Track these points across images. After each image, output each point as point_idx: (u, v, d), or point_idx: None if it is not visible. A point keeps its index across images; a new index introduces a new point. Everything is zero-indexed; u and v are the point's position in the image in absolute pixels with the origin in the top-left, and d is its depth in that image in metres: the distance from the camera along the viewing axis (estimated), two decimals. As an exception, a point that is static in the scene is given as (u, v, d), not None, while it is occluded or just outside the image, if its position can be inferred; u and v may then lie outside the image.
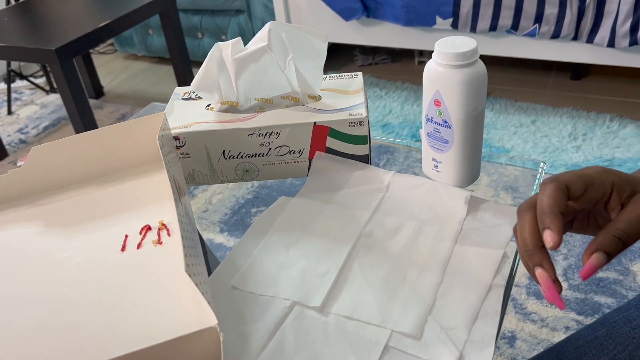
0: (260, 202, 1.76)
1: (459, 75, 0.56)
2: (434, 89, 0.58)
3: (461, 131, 0.59)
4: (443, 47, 0.56)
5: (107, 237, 0.54)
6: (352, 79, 0.72)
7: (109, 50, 2.82)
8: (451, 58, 0.56)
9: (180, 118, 0.68)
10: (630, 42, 1.58)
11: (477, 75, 0.56)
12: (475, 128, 0.59)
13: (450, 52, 0.55)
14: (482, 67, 0.57)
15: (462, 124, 0.58)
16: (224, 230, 1.59)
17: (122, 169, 0.62)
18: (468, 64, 0.56)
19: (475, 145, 0.61)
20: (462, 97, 0.57)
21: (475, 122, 0.59)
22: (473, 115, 0.58)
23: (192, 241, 0.48)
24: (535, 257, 0.43)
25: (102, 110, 2.30)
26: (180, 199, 0.52)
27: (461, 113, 0.58)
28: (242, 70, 0.65)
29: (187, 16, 2.31)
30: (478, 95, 0.57)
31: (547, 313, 1.18)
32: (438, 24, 1.81)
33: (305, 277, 0.54)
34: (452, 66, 0.56)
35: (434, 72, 0.58)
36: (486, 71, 0.57)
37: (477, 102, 0.58)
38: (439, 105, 0.59)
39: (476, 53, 0.56)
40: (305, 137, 0.65)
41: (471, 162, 0.62)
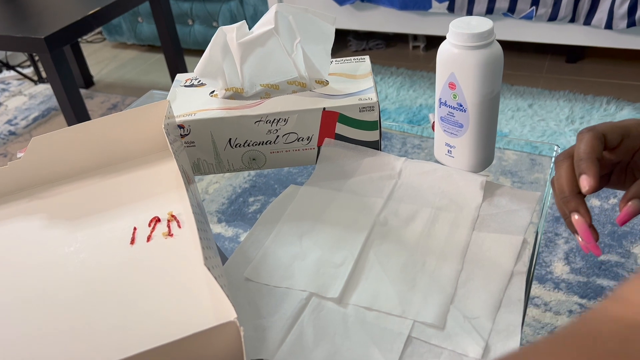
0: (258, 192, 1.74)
1: (475, 57, 0.54)
2: (448, 71, 0.56)
3: (477, 114, 0.57)
4: (458, 28, 0.54)
5: (114, 230, 0.52)
6: (360, 63, 0.70)
7: (98, 39, 2.76)
8: (467, 39, 0.53)
9: (184, 105, 0.66)
10: (628, 23, 1.57)
11: (494, 57, 0.54)
12: (491, 111, 0.58)
13: (466, 32, 0.53)
14: (498, 48, 0.55)
15: (478, 107, 0.57)
16: (221, 220, 1.56)
17: (126, 158, 0.60)
18: (484, 44, 0.54)
19: (490, 129, 0.60)
20: (478, 79, 0.55)
21: (491, 105, 0.57)
22: (489, 98, 0.56)
23: (206, 232, 0.46)
24: (571, 203, 0.43)
25: (93, 100, 2.25)
26: (189, 188, 0.50)
27: (477, 96, 0.56)
28: (248, 55, 0.63)
29: (177, 3, 2.26)
30: (494, 78, 0.56)
31: (550, 297, 1.18)
32: (434, 8, 1.78)
33: (321, 267, 0.52)
34: (468, 47, 0.54)
35: (448, 53, 0.56)
36: (502, 52, 0.56)
37: (494, 84, 0.56)
38: (453, 88, 0.57)
39: (492, 34, 0.54)
40: (314, 123, 0.64)
41: (486, 147, 0.61)
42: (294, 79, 0.66)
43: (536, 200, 0.57)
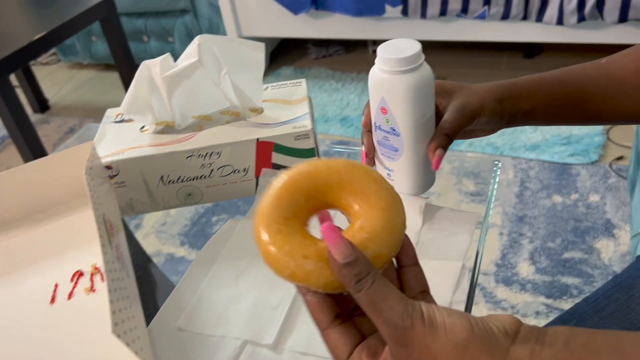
0: (221, 210, 1.71)
1: (403, 82, 0.52)
2: (379, 96, 0.55)
3: (410, 138, 0.56)
4: (385, 52, 0.52)
5: (35, 288, 0.49)
6: (296, 87, 0.69)
7: (52, 61, 2.70)
8: (394, 64, 0.52)
9: (113, 143, 0.63)
10: (579, 18, 1.58)
11: (423, 80, 0.53)
12: (425, 134, 0.56)
13: (392, 57, 0.51)
14: (427, 71, 0.53)
15: (411, 131, 0.55)
16: (184, 242, 1.54)
17: (48, 207, 0.57)
18: (412, 68, 0.52)
19: (426, 152, 0.58)
20: (408, 104, 0.53)
21: (424, 128, 0.56)
22: (422, 121, 0.55)
23: (124, 290, 0.43)
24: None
25: (49, 125, 2.19)
26: (110, 241, 0.47)
27: (409, 120, 0.54)
28: (174, 88, 0.61)
29: (131, 20, 2.22)
30: (425, 101, 0.54)
31: (517, 299, 1.18)
32: (388, 12, 1.78)
33: (257, 311, 0.50)
34: (396, 72, 0.52)
35: (377, 78, 0.54)
36: (432, 75, 0.54)
37: (425, 107, 0.54)
38: (385, 112, 0.55)
39: (420, 56, 0.52)
40: (248, 154, 0.61)
41: (424, 169, 0.59)
42: (226, 109, 0.64)
43: (476, 221, 0.56)
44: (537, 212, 1.39)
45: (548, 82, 0.57)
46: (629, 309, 0.54)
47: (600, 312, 0.56)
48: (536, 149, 1.60)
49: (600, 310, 0.56)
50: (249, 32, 2.07)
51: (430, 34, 1.83)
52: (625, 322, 0.54)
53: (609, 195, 1.40)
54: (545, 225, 1.35)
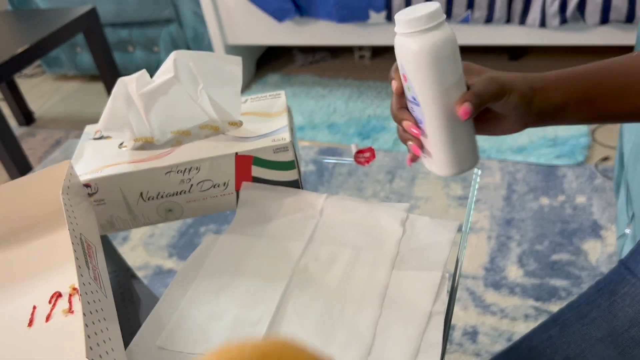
0: (209, 220, 1.70)
1: (415, 44, 0.46)
2: (400, 62, 0.50)
3: (431, 108, 0.49)
4: (400, 15, 0.47)
5: (12, 311, 0.49)
6: (275, 99, 0.69)
7: (37, 73, 2.68)
8: (406, 25, 0.46)
9: (91, 161, 0.62)
10: (561, 20, 1.60)
11: (440, 42, 0.46)
12: (448, 104, 0.49)
13: (403, 18, 0.46)
14: (446, 32, 0.47)
15: (430, 100, 0.49)
16: (172, 254, 1.53)
17: (26, 228, 0.57)
18: (425, 29, 0.46)
19: (454, 124, 0.50)
20: (422, 68, 0.47)
21: (447, 96, 0.48)
22: (441, 89, 0.48)
23: (101, 312, 0.43)
24: (398, 116, 0.53)
25: (35, 138, 2.18)
26: (87, 262, 0.47)
27: (426, 87, 0.48)
28: (152, 104, 0.60)
29: (115, 30, 2.21)
30: (445, 65, 0.47)
31: (506, 303, 1.19)
32: (372, 18, 1.78)
33: (237, 327, 0.50)
34: (408, 34, 0.47)
35: (396, 44, 0.49)
36: (453, 37, 0.47)
37: (446, 73, 0.47)
38: (405, 80, 0.50)
39: (435, 17, 0.46)
40: (228, 169, 0.61)
41: (456, 144, 0.51)
42: (205, 123, 0.63)
43: (455, 230, 0.56)
44: (524, 215, 1.39)
45: (581, 75, 0.53)
46: (611, 314, 0.55)
47: (583, 318, 0.56)
48: (523, 152, 1.61)
49: (584, 317, 0.56)
50: (234, 41, 2.07)
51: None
52: (608, 328, 0.54)
53: (595, 197, 1.41)
54: (533, 227, 1.35)
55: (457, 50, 0.48)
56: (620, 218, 1.16)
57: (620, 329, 0.53)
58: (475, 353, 1.10)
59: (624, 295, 0.54)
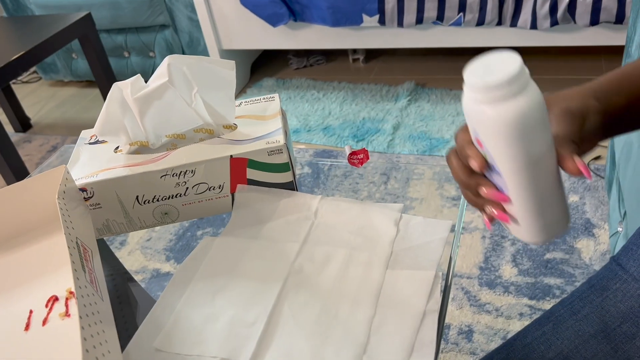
0: (206, 224, 1.71)
1: (494, 113, 0.38)
2: (472, 125, 0.42)
3: (518, 181, 0.41)
4: (471, 73, 0.39)
5: (9, 315, 0.49)
6: (269, 103, 0.69)
7: (33, 79, 2.68)
8: (479, 90, 0.38)
9: (87, 166, 0.63)
10: (551, 22, 1.61)
11: (524, 111, 0.38)
12: (539, 174, 0.41)
13: (478, 81, 0.38)
14: (531, 96, 0.38)
15: (517, 173, 0.41)
16: (170, 257, 1.53)
17: (22, 233, 0.57)
18: (505, 96, 0.37)
19: (545, 193, 0.43)
20: (506, 141, 0.39)
21: (537, 167, 0.41)
22: (530, 161, 0.40)
23: (97, 315, 0.43)
24: (472, 184, 0.45)
25: (31, 144, 2.18)
26: (84, 265, 0.47)
27: (512, 162, 0.40)
28: (146, 108, 0.61)
29: (111, 36, 2.22)
30: (533, 135, 0.39)
31: (501, 302, 1.19)
32: (365, 22, 1.80)
33: (233, 328, 0.50)
34: (483, 101, 0.38)
35: (466, 105, 0.40)
36: (541, 98, 0.39)
37: (534, 143, 0.39)
38: (481, 146, 0.42)
39: (519, 78, 0.37)
40: (223, 171, 0.62)
41: (547, 211, 0.44)
42: (200, 126, 0.64)
43: (448, 229, 0.57)
44: (518, 215, 1.40)
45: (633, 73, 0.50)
46: (604, 310, 0.55)
47: (576, 314, 0.57)
48: (516, 152, 1.62)
49: (576, 313, 0.57)
50: (229, 45, 2.08)
51: (407, 42, 1.85)
52: (600, 324, 0.55)
53: (587, 195, 1.42)
54: None
55: (545, 112, 0.39)
56: (613, 216, 1.17)
57: (612, 325, 0.54)
58: (470, 352, 1.11)
59: (616, 292, 0.55)
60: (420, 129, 1.79)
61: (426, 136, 1.75)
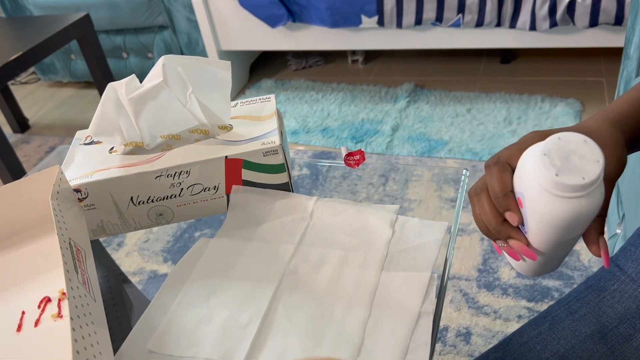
0: (204, 225, 1.70)
1: (552, 205, 0.39)
2: (521, 187, 0.42)
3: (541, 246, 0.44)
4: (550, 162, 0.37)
5: (1, 316, 0.49)
6: (265, 103, 0.69)
7: (32, 80, 2.68)
8: (550, 183, 0.38)
9: (82, 166, 0.63)
10: (550, 24, 1.61)
11: (580, 214, 0.38)
12: (558, 248, 0.44)
13: (553, 177, 0.37)
14: (593, 201, 0.38)
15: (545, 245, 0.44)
16: (167, 259, 1.52)
17: (15, 234, 0.57)
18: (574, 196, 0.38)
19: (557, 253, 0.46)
20: (550, 228, 0.41)
21: (560, 245, 0.44)
22: (562, 242, 0.43)
23: (89, 316, 0.43)
24: (503, 232, 0.45)
25: (29, 145, 2.18)
26: (76, 266, 0.47)
27: (545, 240, 0.43)
28: (141, 109, 0.61)
29: (109, 37, 2.21)
30: (574, 229, 0.41)
31: (499, 304, 1.19)
32: (364, 23, 1.79)
33: (227, 330, 0.50)
34: (549, 189, 0.38)
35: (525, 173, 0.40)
36: (599, 203, 0.39)
37: (571, 233, 0.41)
38: (521, 206, 0.43)
39: (592, 185, 0.37)
40: (218, 172, 0.62)
41: (550, 262, 0.48)
42: (195, 127, 0.64)
43: (444, 231, 0.57)
44: (517, 216, 1.40)
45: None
46: (600, 311, 0.55)
47: (573, 314, 0.57)
48: (515, 153, 1.61)
49: (573, 313, 0.57)
50: (228, 46, 2.08)
51: (406, 43, 1.85)
52: (597, 324, 0.55)
53: (586, 197, 1.42)
54: None
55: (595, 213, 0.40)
56: (611, 219, 1.17)
57: (609, 325, 0.54)
58: (468, 354, 1.10)
59: (614, 292, 0.55)
60: (419, 130, 1.79)
61: (425, 137, 1.75)
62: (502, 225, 0.45)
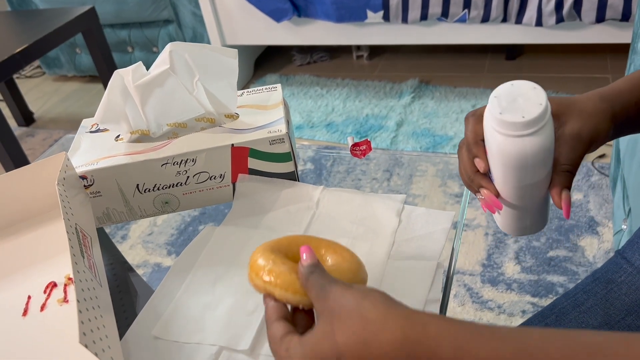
0: (208, 218, 1.71)
1: (502, 145, 0.41)
2: (485, 135, 0.45)
3: (509, 196, 0.46)
4: (494, 103, 0.41)
5: (7, 300, 0.49)
6: (271, 92, 0.69)
7: (37, 73, 2.68)
8: (497, 122, 0.41)
9: (88, 154, 0.63)
10: (557, 19, 1.60)
11: (527, 153, 0.41)
12: (523, 195, 0.46)
13: (496, 113, 0.40)
14: (541, 141, 0.41)
15: (511, 192, 0.46)
16: (171, 252, 1.53)
17: (22, 219, 0.57)
18: (520, 134, 0.40)
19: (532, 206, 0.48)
20: (504, 168, 0.43)
21: (524, 191, 0.46)
22: (518, 187, 0.45)
23: (95, 300, 0.43)
24: (475, 181, 0.47)
25: (34, 138, 2.18)
26: (82, 252, 0.47)
27: (504, 182, 0.45)
28: (148, 96, 0.60)
29: (114, 31, 2.21)
30: (529, 171, 0.43)
31: (503, 299, 1.19)
32: (370, 18, 1.79)
33: (233, 317, 0.50)
34: (499, 130, 0.41)
35: (485, 120, 0.43)
36: (548, 145, 0.42)
37: (528, 176, 0.44)
38: (486, 153, 0.46)
39: (535, 123, 0.40)
40: (224, 160, 0.61)
41: (529, 217, 0.50)
42: (201, 115, 0.63)
43: (451, 220, 0.57)
44: (522, 212, 1.39)
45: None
46: (608, 303, 0.55)
47: (579, 306, 0.56)
48: (520, 149, 1.61)
49: (580, 305, 0.56)
50: (233, 41, 2.08)
51: (412, 38, 1.85)
52: (604, 316, 0.54)
53: (592, 193, 1.41)
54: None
55: (550, 153, 0.43)
56: (617, 214, 1.16)
57: (616, 317, 0.53)
58: (473, 349, 1.10)
59: (621, 284, 0.55)
60: (424, 125, 1.79)
61: (430, 133, 1.74)
62: (475, 174, 0.47)
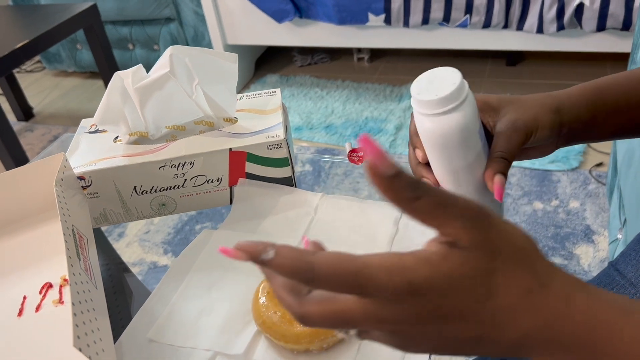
0: (205, 218, 1.71)
1: (424, 125, 0.43)
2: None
3: (441, 181, 0.47)
4: (415, 87, 0.42)
5: (2, 301, 0.49)
6: (270, 97, 0.69)
7: (37, 68, 2.68)
8: (416, 103, 0.42)
9: (86, 154, 0.63)
10: (558, 27, 1.61)
11: (454, 128, 0.41)
12: (458, 180, 0.46)
13: (415, 95, 0.42)
14: (460, 117, 0.41)
15: (444, 177, 0.46)
16: (167, 251, 1.53)
17: (19, 219, 0.57)
18: (437, 113, 0.41)
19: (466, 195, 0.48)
20: (430, 149, 0.45)
21: (456, 175, 0.45)
22: (449, 170, 0.45)
23: (90, 302, 0.43)
24: (417, 173, 0.49)
25: (33, 133, 2.18)
26: (79, 253, 0.47)
27: (435, 166, 0.46)
28: (147, 99, 0.61)
29: (116, 28, 2.21)
30: (460, 150, 0.43)
31: (498, 305, 1.19)
32: (371, 21, 1.79)
33: (228, 322, 0.50)
34: (420, 112, 0.42)
35: (414, 112, 0.44)
36: (466, 124, 0.42)
37: (454, 158, 0.44)
38: None
39: (446, 103, 0.41)
40: (221, 164, 0.62)
41: None
42: (200, 119, 0.64)
43: (447, 230, 0.57)
44: (518, 219, 1.40)
45: (607, 86, 0.51)
46: (600, 315, 0.55)
47: None
48: (518, 156, 1.61)
49: None
50: (234, 40, 2.08)
51: (413, 42, 1.85)
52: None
53: (588, 202, 1.42)
54: (527, 231, 1.35)
55: (474, 133, 0.43)
56: (613, 223, 1.16)
57: None
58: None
59: None
60: (423, 130, 1.79)
61: (428, 137, 1.75)
62: (417, 166, 0.48)
